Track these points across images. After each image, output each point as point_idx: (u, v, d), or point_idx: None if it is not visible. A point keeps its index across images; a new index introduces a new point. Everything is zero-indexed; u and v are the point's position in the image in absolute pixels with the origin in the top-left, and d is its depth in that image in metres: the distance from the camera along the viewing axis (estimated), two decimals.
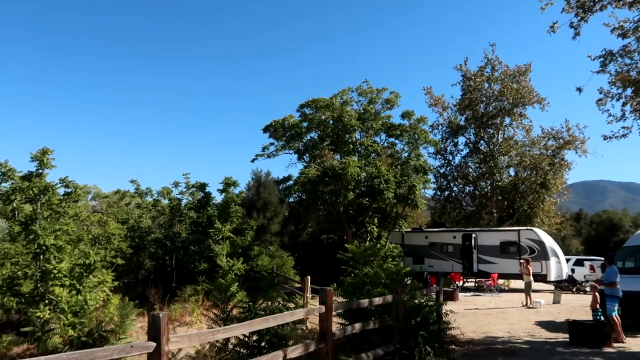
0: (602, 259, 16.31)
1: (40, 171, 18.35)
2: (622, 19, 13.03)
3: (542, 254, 25.73)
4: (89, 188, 52.20)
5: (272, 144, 31.62)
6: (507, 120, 36.19)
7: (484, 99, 36.17)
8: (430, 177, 32.67)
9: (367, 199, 28.54)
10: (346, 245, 27.81)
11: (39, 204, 18.20)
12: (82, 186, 26.85)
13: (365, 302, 7.92)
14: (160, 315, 3.89)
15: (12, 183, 17.98)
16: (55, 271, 15.76)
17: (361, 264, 10.77)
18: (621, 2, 12.54)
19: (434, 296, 11.62)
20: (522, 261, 22.37)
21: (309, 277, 17.00)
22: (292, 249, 31.28)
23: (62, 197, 19.11)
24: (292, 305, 10.64)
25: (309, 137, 31.52)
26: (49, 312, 14.98)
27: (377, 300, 8.17)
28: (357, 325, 7.55)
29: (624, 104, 13.99)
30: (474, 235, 28.41)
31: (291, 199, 33.51)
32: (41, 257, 16.91)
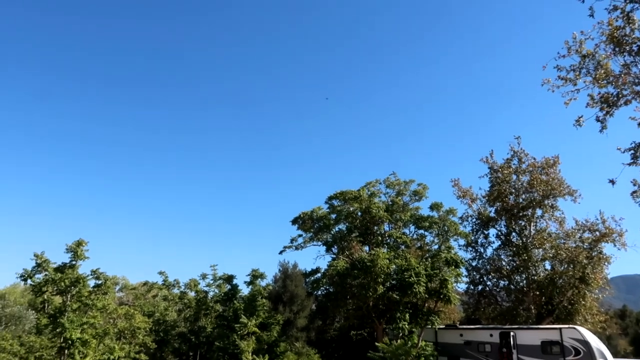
0: None
1: (74, 263, 18.68)
2: None
3: (588, 355, 23.90)
4: (118, 279, 52.50)
5: (300, 235, 31.72)
6: (539, 212, 35.53)
7: (513, 190, 35.91)
8: (462, 270, 31.71)
9: (397, 292, 27.68)
10: (376, 343, 26.68)
11: (69, 296, 18.29)
12: (112, 277, 27.09)
13: None
14: None
15: (46, 274, 18.23)
16: None
17: None
18: None
19: None
20: None
21: None
22: (319, 346, 30.04)
23: (91, 289, 19.23)
24: None
25: (337, 229, 31.54)
26: None
27: None
28: None
29: None
30: (512, 333, 26.83)
31: (319, 292, 32.79)
32: (66, 351, 16.67)
